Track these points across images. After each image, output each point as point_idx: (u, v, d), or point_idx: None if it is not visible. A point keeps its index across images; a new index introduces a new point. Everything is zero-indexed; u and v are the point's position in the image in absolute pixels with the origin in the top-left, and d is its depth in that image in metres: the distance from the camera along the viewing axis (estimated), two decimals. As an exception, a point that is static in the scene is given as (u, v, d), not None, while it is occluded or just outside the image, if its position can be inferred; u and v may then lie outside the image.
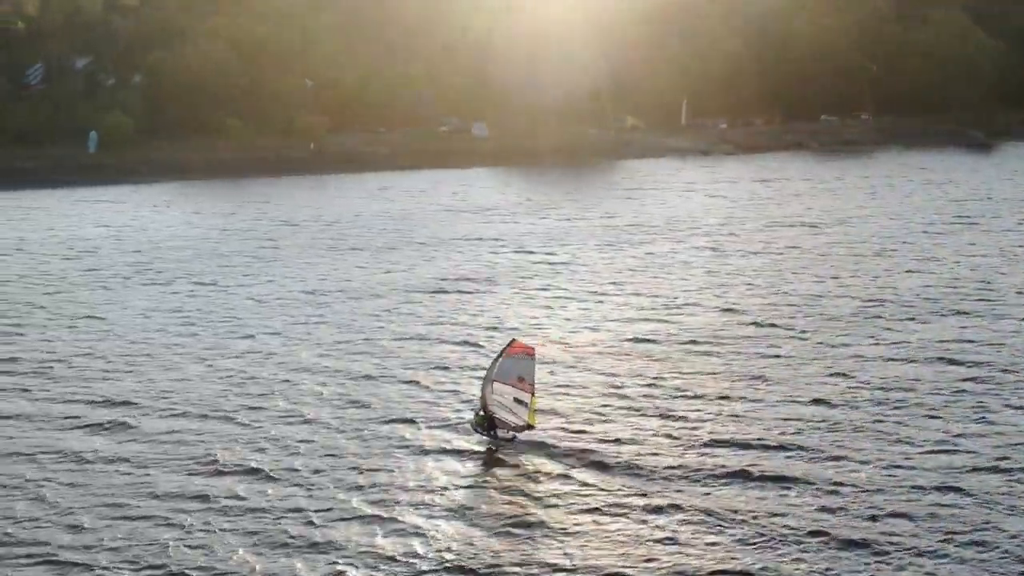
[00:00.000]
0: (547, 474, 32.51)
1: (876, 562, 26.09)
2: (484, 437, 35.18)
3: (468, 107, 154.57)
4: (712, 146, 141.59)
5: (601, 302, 55.18)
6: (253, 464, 33.03)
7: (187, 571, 26.45)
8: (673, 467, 32.13)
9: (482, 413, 35.41)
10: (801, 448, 33.41)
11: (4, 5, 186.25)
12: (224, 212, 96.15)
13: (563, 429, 35.85)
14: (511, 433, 35.33)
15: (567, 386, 40.35)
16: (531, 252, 70.78)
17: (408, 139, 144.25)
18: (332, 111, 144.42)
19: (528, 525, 28.70)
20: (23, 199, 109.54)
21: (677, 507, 29.28)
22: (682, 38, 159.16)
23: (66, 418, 38.13)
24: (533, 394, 35.12)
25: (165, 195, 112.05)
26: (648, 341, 46.56)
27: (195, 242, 78.81)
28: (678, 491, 30.39)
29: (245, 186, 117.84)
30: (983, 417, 35.86)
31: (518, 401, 35.15)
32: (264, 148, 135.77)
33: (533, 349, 36.19)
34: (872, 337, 46.21)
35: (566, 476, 32.06)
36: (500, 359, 35.57)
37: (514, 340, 36.95)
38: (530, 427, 35.12)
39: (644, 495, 30.24)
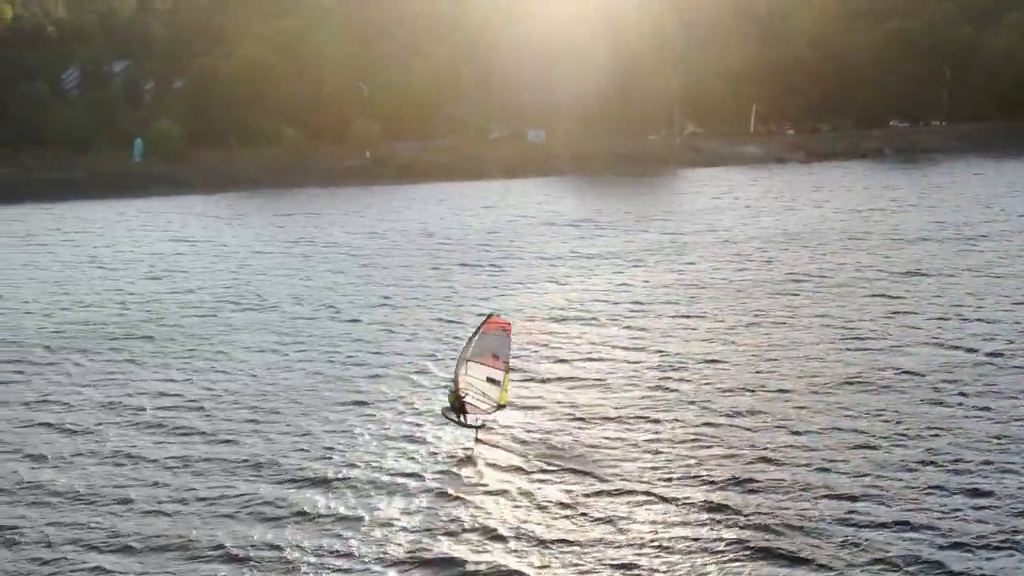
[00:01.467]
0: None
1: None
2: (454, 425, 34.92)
3: (520, 113, 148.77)
4: (786, 154, 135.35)
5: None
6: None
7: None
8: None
9: (455, 394, 34.90)
10: (810, 450, 32.91)
11: (32, 6, 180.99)
12: (300, 224, 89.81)
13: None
14: (479, 420, 34.96)
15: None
16: (649, 268, 64.49)
17: (461, 147, 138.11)
18: (383, 117, 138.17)
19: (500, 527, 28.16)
20: (76, 210, 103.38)
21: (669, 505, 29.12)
22: (746, 42, 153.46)
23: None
24: (507, 372, 34.91)
25: (226, 206, 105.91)
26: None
27: (282, 259, 72.54)
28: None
29: (307, 197, 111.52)
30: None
31: (491, 380, 34.83)
32: (318, 156, 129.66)
33: (509, 325, 35.84)
34: None
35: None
36: (476, 336, 35.05)
37: (491, 315, 36.28)
38: (501, 407, 34.88)
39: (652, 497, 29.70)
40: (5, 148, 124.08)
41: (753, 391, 39.37)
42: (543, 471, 31.99)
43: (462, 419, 34.95)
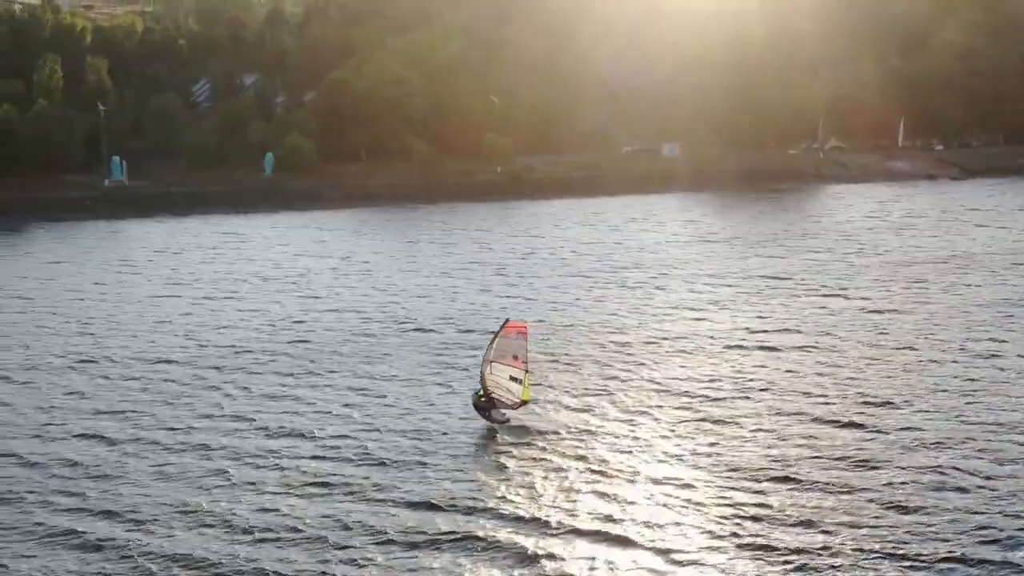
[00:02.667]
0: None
1: None
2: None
3: (651, 126, 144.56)
4: (936, 170, 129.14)
5: None
6: None
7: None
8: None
9: (481, 393, 38.22)
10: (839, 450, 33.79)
11: (164, 20, 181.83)
12: (438, 241, 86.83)
13: None
14: (505, 415, 38.13)
15: None
16: (821, 292, 59.92)
17: (595, 161, 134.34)
18: (513, 131, 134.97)
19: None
20: (212, 224, 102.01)
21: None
22: (885, 54, 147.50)
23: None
24: (527, 370, 38.16)
25: (360, 222, 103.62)
26: None
27: (425, 277, 69.57)
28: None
29: (442, 212, 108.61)
30: None
31: (513, 379, 37.98)
32: (449, 171, 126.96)
33: (525, 328, 39.09)
34: None
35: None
36: (496, 339, 38.45)
37: (508, 320, 39.89)
38: (524, 403, 38.22)
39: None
40: (140, 161, 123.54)
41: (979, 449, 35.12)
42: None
43: (488, 415, 38.19)
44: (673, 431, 37.30)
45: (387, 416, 39.67)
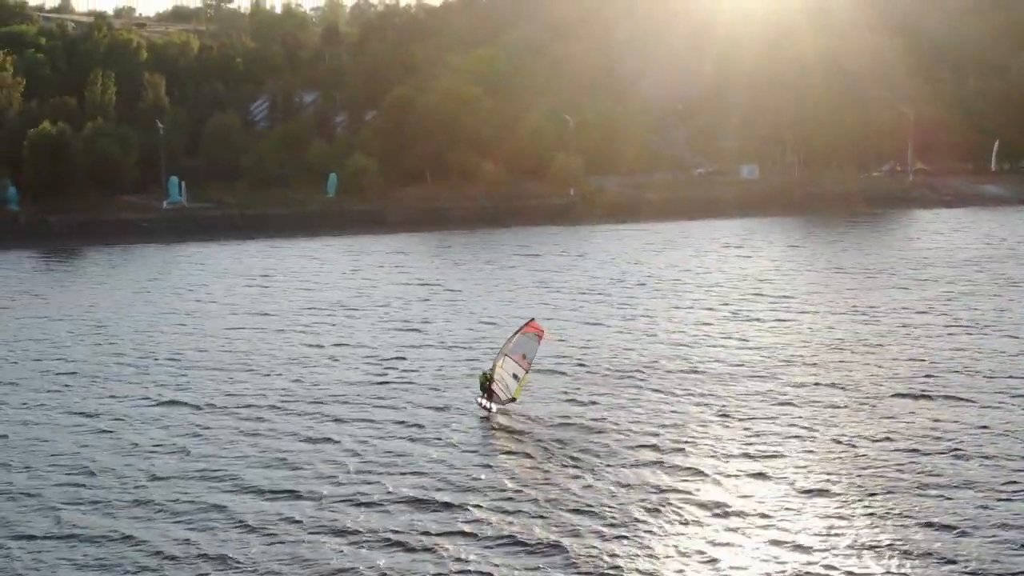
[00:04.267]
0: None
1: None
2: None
3: (726, 147, 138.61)
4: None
5: None
6: None
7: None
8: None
9: (489, 376, 39.58)
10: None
11: (222, 36, 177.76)
12: (526, 267, 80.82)
13: None
14: (494, 407, 39.50)
15: None
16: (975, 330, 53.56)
17: (669, 183, 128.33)
18: (584, 152, 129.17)
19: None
20: (279, 248, 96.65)
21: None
22: (972, 75, 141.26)
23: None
24: (527, 371, 39.51)
25: (434, 246, 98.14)
26: None
27: (523, 307, 63.59)
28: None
29: (517, 236, 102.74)
30: None
31: (515, 376, 39.29)
32: (519, 193, 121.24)
33: (543, 331, 40.31)
34: None
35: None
36: (516, 334, 39.86)
37: (532, 319, 41.31)
38: (512, 400, 39.50)
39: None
40: (197, 181, 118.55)
41: None
42: None
43: (484, 402, 39.82)
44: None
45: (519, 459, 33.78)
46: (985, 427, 37.45)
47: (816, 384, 43.99)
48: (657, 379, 45.31)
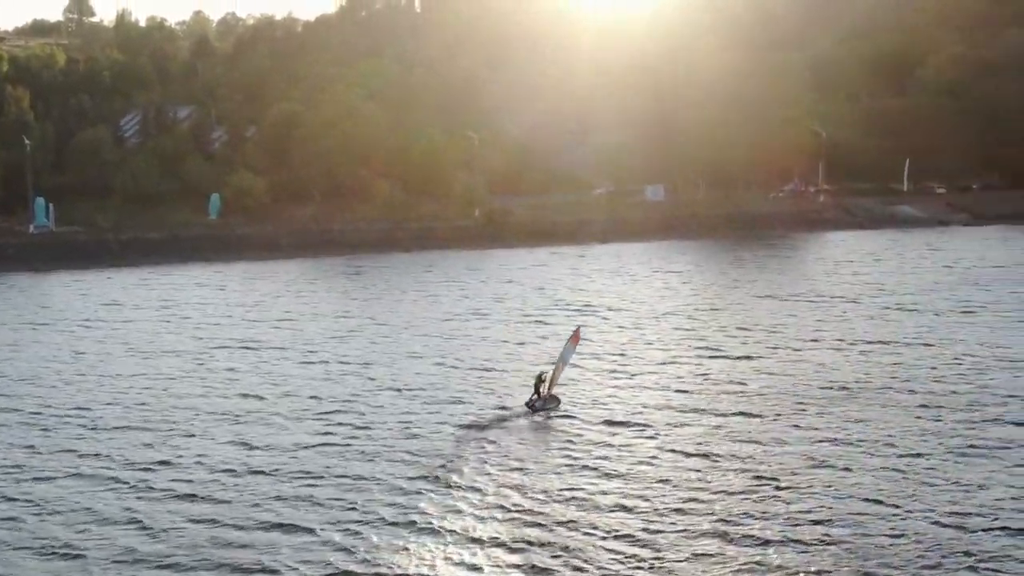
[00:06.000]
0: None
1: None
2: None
3: (631, 166, 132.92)
4: (951, 215, 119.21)
5: None
6: None
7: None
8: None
9: (544, 384, 40.90)
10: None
11: (87, 50, 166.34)
12: (443, 294, 73.29)
13: None
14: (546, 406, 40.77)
15: None
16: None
17: (574, 205, 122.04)
18: (486, 171, 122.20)
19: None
20: (164, 275, 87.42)
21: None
22: (884, 91, 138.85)
23: None
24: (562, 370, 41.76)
25: (341, 271, 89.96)
26: None
27: (440, 340, 56.10)
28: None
29: (422, 262, 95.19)
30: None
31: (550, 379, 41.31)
32: (418, 214, 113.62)
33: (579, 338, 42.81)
34: None
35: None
36: (568, 343, 42.29)
37: (578, 328, 44.02)
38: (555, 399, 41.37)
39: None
40: (64, 201, 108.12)
41: None
42: None
43: (532, 403, 40.78)
44: None
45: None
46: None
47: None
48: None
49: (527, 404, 40.93)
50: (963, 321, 58.79)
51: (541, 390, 40.81)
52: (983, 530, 28.31)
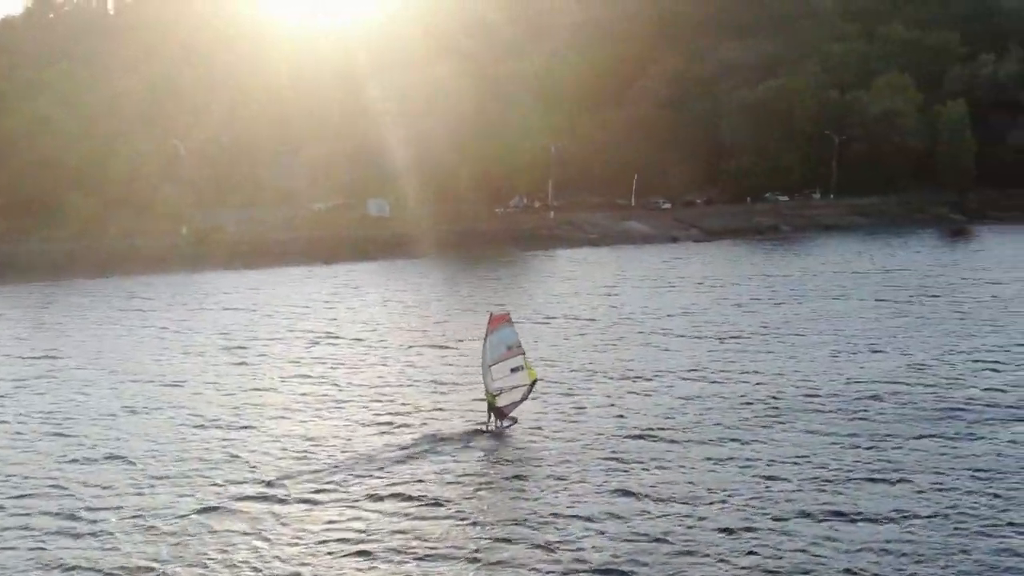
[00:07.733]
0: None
1: None
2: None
3: (352, 178, 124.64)
4: (679, 231, 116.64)
5: None
6: None
7: None
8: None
9: (492, 401, 37.18)
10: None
11: None
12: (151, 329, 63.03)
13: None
14: (506, 422, 37.40)
15: None
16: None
17: (288, 221, 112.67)
18: (194, 183, 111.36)
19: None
20: None
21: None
22: (608, 105, 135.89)
23: None
24: (523, 354, 37.78)
25: (52, 306, 77.71)
26: None
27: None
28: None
29: (122, 290, 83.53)
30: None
31: (514, 370, 37.51)
32: (116, 232, 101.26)
33: (508, 315, 38.32)
34: None
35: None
36: (487, 338, 37.24)
37: (491, 314, 38.26)
38: (534, 382, 38.14)
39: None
40: None
41: None
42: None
43: (498, 423, 37.32)
44: None
45: None
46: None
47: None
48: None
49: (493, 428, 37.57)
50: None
51: (501, 405, 37.62)
52: None
